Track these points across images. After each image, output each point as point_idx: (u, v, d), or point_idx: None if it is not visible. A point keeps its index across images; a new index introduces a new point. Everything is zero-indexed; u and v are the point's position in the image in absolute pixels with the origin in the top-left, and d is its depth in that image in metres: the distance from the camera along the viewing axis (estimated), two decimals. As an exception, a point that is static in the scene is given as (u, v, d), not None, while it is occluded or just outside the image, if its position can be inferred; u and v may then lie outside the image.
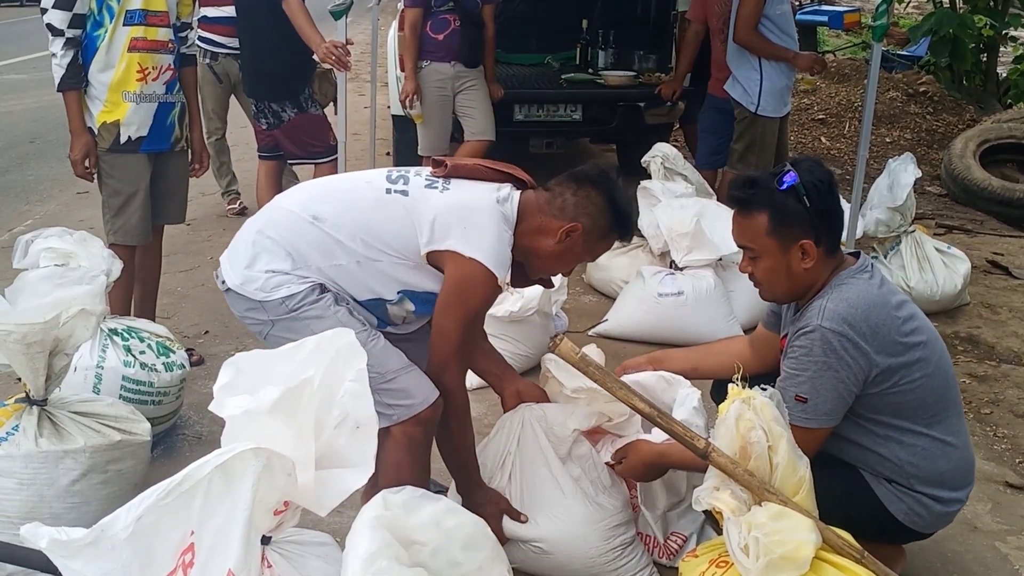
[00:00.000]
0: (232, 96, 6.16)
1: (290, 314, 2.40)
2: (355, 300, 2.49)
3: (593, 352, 2.70)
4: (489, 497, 2.61)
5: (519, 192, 2.55)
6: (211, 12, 5.85)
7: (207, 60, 5.87)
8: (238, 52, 5.37)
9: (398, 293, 2.50)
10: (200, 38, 5.79)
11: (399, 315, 2.55)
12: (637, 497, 2.78)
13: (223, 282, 2.51)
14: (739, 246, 2.47)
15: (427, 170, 2.58)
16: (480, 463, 2.66)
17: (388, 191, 2.49)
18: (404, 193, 2.48)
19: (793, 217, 2.35)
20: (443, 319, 2.43)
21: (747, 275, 2.50)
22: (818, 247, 2.36)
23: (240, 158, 7.04)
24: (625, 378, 2.74)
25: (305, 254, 2.44)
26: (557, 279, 4.22)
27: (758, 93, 5.20)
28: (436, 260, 2.44)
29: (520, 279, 2.64)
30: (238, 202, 6.47)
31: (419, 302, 2.53)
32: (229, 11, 5.37)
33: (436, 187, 2.49)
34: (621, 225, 2.55)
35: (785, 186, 2.34)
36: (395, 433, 2.42)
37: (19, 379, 2.68)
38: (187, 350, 4.38)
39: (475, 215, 2.42)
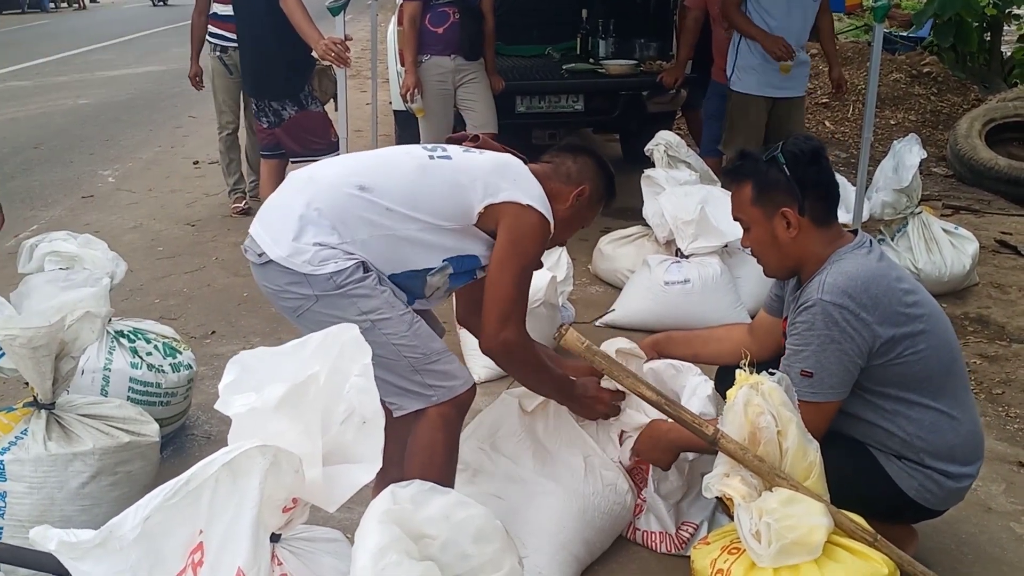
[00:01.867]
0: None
1: (338, 290, 2.36)
2: (391, 276, 2.47)
3: (621, 346, 2.79)
4: (584, 403, 2.73)
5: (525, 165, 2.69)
6: (221, 9, 5.93)
7: (217, 52, 5.99)
8: None
9: (443, 260, 2.50)
10: (210, 34, 6.00)
11: (435, 285, 2.56)
12: (648, 486, 2.77)
13: (260, 255, 2.42)
14: (735, 219, 2.56)
15: (460, 146, 2.72)
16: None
17: (431, 157, 2.57)
18: (447, 158, 2.57)
19: (774, 185, 2.43)
20: (501, 273, 2.46)
21: (750, 252, 2.57)
22: (802, 215, 2.41)
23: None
24: (645, 368, 2.79)
25: (352, 226, 2.40)
26: (555, 262, 4.23)
27: (732, 66, 5.37)
28: (491, 215, 2.48)
29: None
30: (244, 201, 6.43)
31: (459, 266, 2.54)
32: None
33: (473, 152, 2.65)
34: (610, 186, 2.76)
35: (768, 157, 2.45)
36: (431, 414, 2.41)
37: (27, 384, 2.69)
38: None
39: (519, 171, 2.58)
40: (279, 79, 4.96)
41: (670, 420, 2.63)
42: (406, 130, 6.13)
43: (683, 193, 4.57)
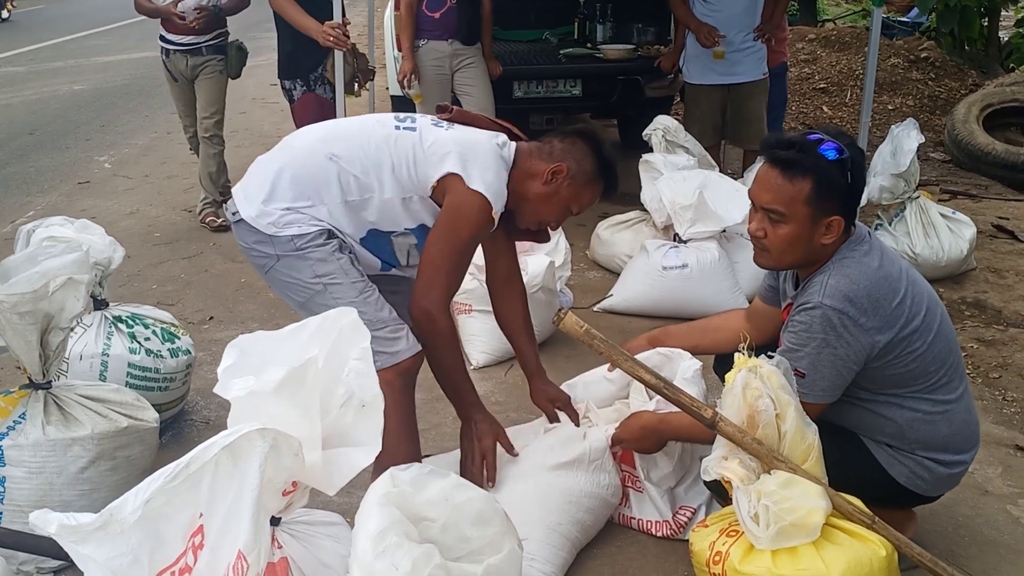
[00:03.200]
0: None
1: (296, 252, 2.53)
2: (360, 241, 2.63)
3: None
4: (486, 429, 2.66)
5: (513, 142, 2.74)
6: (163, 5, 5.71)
7: (161, 56, 5.76)
8: (187, 48, 5.58)
9: (406, 229, 2.65)
10: (160, 36, 5.73)
11: (404, 247, 2.69)
12: (638, 475, 2.77)
13: (234, 213, 2.61)
14: (765, 208, 2.34)
15: (430, 116, 2.77)
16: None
17: (397, 127, 2.66)
18: (412, 129, 2.65)
19: (835, 191, 2.28)
20: (433, 244, 2.56)
21: (754, 238, 2.40)
22: (843, 225, 2.31)
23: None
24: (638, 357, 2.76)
25: (322, 192, 2.57)
26: (553, 247, 4.22)
27: (683, 58, 5.60)
28: (440, 189, 2.58)
29: (516, 231, 2.79)
30: (212, 214, 5.83)
31: (421, 237, 2.65)
32: (180, 7, 5.49)
33: (441, 126, 2.69)
34: (606, 173, 2.73)
35: (833, 157, 2.27)
36: None
37: (19, 368, 2.68)
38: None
39: (478, 149, 2.61)
40: (287, 59, 4.99)
41: (654, 411, 2.66)
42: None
43: (681, 178, 4.56)
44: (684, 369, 2.76)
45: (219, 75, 5.72)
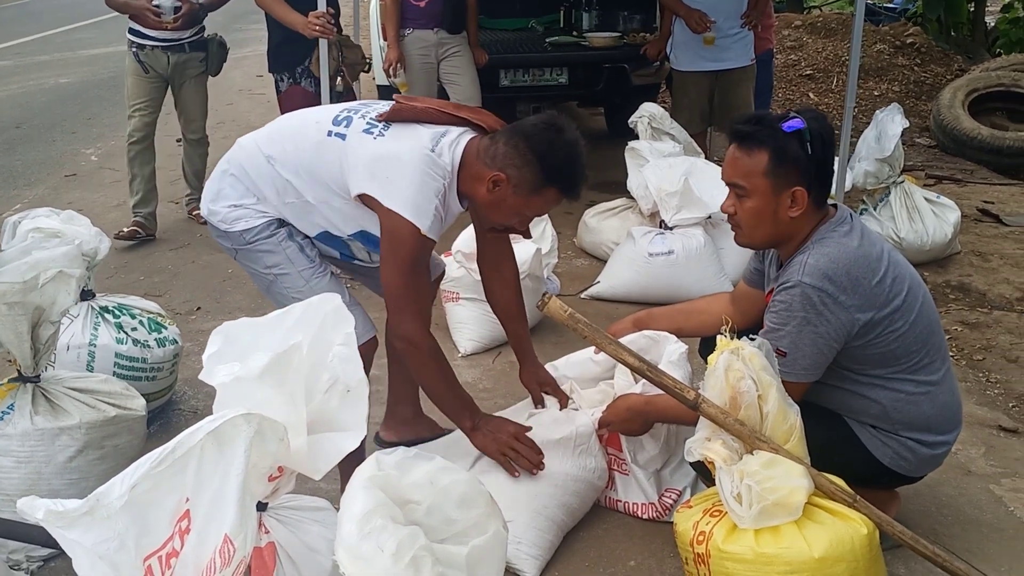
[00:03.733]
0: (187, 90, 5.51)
1: (247, 245, 2.63)
2: (315, 237, 2.66)
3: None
4: (497, 424, 2.65)
5: (469, 137, 2.55)
6: None
7: (133, 49, 5.32)
8: (169, 44, 5.27)
9: (350, 234, 2.63)
10: (129, 29, 5.34)
11: (360, 249, 2.70)
12: (624, 458, 2.79)
13: (201, 212, 2.77)
14: (729, 184, 2.41)
15: (375, 111, 2.60)
16: None
17: (329, 133, 2.57)
18: (342, 137, 2.55)
19: (793, 161, 2.32)
20: (384, 271, 2.52)
21: (727, 217, 2.46)
22: (808, 197, 2.35)
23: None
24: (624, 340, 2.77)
25: (263, 191, 2.62)
26: (540, 234, 4.24)
27: (670, 45, 5.59)
28: (366, 202, 2.50)
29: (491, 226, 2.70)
30: (136, 229, 5.42)
31: (368, 243, 2.64)
32: None
33: (372, 132, 2.52)
34: (557, 180, 2.46)
35: (791, 129, 2.31)
36: None
37: (10, 361, 2.69)
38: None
39: (396, 164, 2.45)
40: (274, 52, 5.00)
41: (640, 393, 2.67)
42: (390, 105, 6.09)
43: (667, 165, 4.58)
44: (670, 352, 2.77)
45: (202, 75, 5.51)
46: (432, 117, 2.55)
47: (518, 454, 2.58)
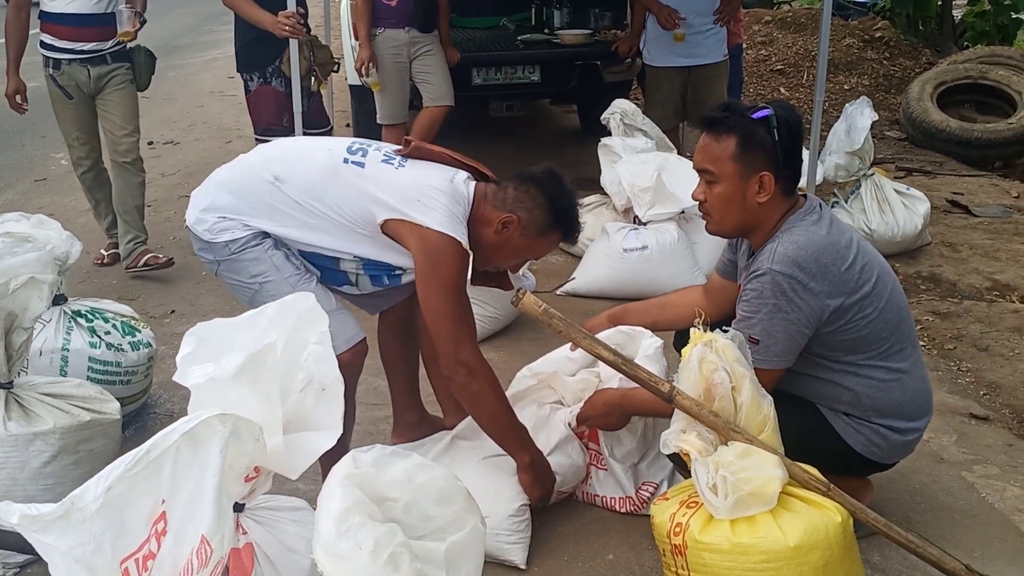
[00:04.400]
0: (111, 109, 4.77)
1: (232, 256, 2.59)
2: (302, 253, 2.62)
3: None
4: (540, 483, 2.61)
5: (474, 182, 2.64)
6: (53, 5, 4.56)
7: (49, 70, 4.66)
8: (88, 56, 4.60)
9: (353, 258, 2.61)
10: (41, 43, 4.66)
11: (352, 272, 2.65)
12: (603, 453, 2.81)
13: (186, 220, 2.68)
14: (699, 170, 2.45)
15: (389, 146, 2.68)
16: None
17: (345, 160, 2.59)
18: (360, 165, 2.58)
19: (760, 146, 2.36)
20: (429, 299, 2.49)
21: (699, 205, 2.50)
22: (776, 183, 2.38)
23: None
24: (601, 336, 2.77)
25: (260, 209, 2.58)
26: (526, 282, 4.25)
27: (643, 41, 5.64)
28: (391, 230, 2.51)
29: (477, 276, 2.68)
30: (111, 250, 5.08)
31: (371, 269, 2.62)
32: (76, 5, 4.51)
33: (392, 163, 2.59)
34: (562, 224, 2.63)
35: (759, 116, 2.36)
36: None
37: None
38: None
39: (429, 190, 2.51)
40: (242, 51, 4.94)
41: (617, 387, 2.69)
42: (362, 105, 6.08)
43: (640, 161, 4.60)
44: (646, 347, 2.79)
45: (129, 85, 4.78)
46: (444, 160, 2.65)
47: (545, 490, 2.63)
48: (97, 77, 4.65)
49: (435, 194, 2.50)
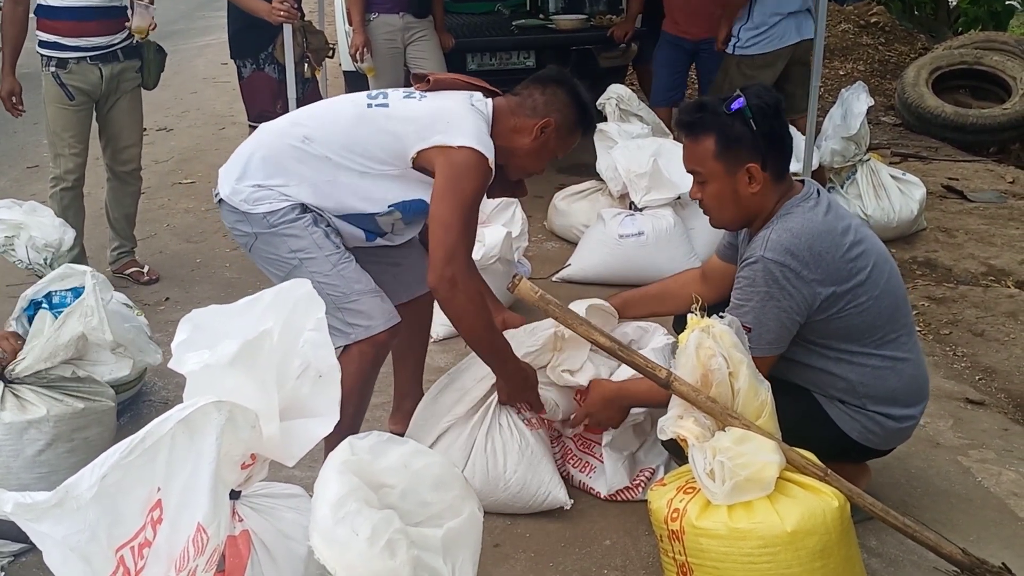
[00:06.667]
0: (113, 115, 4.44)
1: (271, 229, 2.57)
2: (340, 217, 2.62)
3: (593, 303, 2.79)
4: (525, 382, 2.68)
5: (490, 99, 2.72)
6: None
7: (52, 68, 4.26)
8: (101, 53, 4.26)
9: (388, 207, 2.63)
10: (41, 43, 4.29)
11: (388, 223, 2.68)
12: (600, 443, 2.80)
13: (216, 194, 2.66)
14: (688, 171, 2.48)
15: (404, 90, 2.75)
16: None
17: (369, 105, 2.66)
18: (384, 106, 2.64)
19: (739, 140, 2.36)
20: (440, 208, 2.50)
21: (698, 203, 2.51)
22: (764, 171, 2.38)
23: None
24: (616, 331, 2.77)
25: (293, 172, 2.58)
26: (510, 218, 4.24)
27: (739, 30, 5.29)
28: (424, 160, 2.55)
29: (496, 188, 2.76)
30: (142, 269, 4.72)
31: (407, 211, 2.64)
32: None
33: (414, 97, 2.68)
34: (585, 118, 2.76)
35: (733, 109, 2.36)
36: (352, 350, 2.55)
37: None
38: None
39: (454, 114, 2.59)
40: (234, 37, 4.90)
41: (616, 379, 2.68)
42: (357, 91, 6.04)
43: (635, 146, 4.59)
44: (656, 342, 2.80)
45: (137, 90, 4.47)
46: (459, 85, 2.74)
47: (529, 400, 2.72)
48: (109, 77, 4.29)
49: (460, 116, 2.57)
